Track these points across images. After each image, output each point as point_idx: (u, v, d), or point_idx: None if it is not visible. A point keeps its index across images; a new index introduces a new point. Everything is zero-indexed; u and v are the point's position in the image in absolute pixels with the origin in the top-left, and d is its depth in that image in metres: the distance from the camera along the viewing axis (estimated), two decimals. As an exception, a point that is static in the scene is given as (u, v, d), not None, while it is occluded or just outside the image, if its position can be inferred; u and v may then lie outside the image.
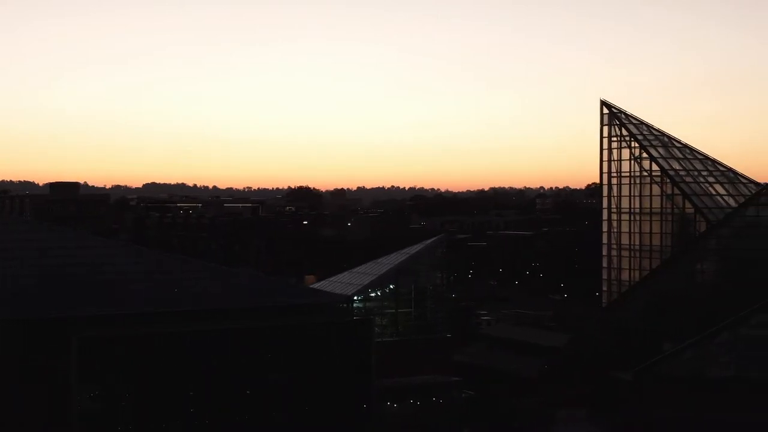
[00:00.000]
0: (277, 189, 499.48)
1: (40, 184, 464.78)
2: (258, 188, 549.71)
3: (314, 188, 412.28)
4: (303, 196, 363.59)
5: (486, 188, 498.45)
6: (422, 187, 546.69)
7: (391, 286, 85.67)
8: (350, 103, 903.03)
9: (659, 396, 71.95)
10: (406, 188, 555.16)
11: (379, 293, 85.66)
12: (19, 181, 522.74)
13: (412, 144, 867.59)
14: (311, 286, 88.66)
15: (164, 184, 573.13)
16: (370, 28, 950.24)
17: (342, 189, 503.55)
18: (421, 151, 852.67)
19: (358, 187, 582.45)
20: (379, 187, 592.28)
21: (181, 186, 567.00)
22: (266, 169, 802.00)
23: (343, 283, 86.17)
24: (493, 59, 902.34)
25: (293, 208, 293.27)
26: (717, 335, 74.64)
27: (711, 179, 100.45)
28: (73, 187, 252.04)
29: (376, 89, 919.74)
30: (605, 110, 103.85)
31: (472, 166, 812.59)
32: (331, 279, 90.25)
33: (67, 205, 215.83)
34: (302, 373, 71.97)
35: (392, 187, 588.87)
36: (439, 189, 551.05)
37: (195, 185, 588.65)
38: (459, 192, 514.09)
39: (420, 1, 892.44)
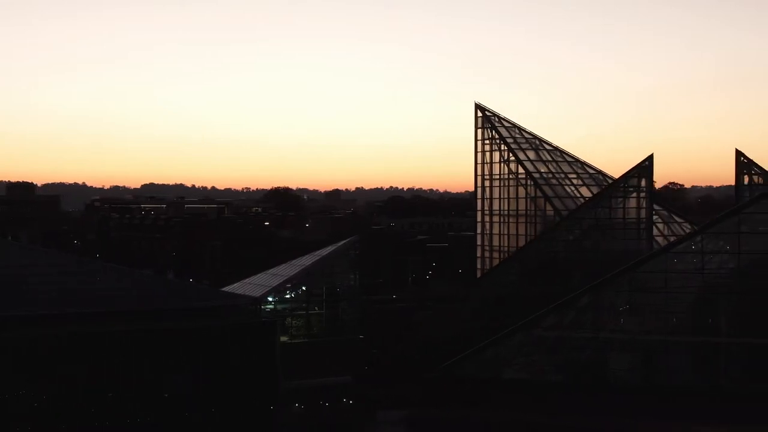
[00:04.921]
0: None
1: (40, 185, 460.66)
2: (256, 189, 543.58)
3: (310, 188, 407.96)
4: (280, 197, 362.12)
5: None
6: (420, 188, 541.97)
7: (303, 288, 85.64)
8: (349, 103, 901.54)
9: (455, 397, 71.54)
10: (405, 189, 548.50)
11: (292, 294, 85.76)
12: (18, 181, 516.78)
13: (412, 144, 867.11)
14: (224, 288, 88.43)
15: (163, 184, 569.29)
16: (370, 28, 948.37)
17: (337, 190, 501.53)
18: (422, 152, 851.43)
19: (357, 188, 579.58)
20: (377, 188, 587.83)
21: (180, 187, 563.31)
22: (266, 169, 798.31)
23: (255, 284, 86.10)
24: (495, 59, 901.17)
25: (260, 209, 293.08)
26: (513, 336, 73.77)
27: (578, 182, 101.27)
28: (27, 188, 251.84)
29: (377, 89, 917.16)
30: (479, 113, 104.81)
31: (472, 167, 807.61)
32: (244, 281, 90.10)
33: (18, 207, 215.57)
34: (204, 376, 72.00)
35: (391, 187, 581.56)
36: (437, 189, 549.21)
37: (194, 186, 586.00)
38: (458, 192, 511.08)
39: (419, 1, 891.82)
